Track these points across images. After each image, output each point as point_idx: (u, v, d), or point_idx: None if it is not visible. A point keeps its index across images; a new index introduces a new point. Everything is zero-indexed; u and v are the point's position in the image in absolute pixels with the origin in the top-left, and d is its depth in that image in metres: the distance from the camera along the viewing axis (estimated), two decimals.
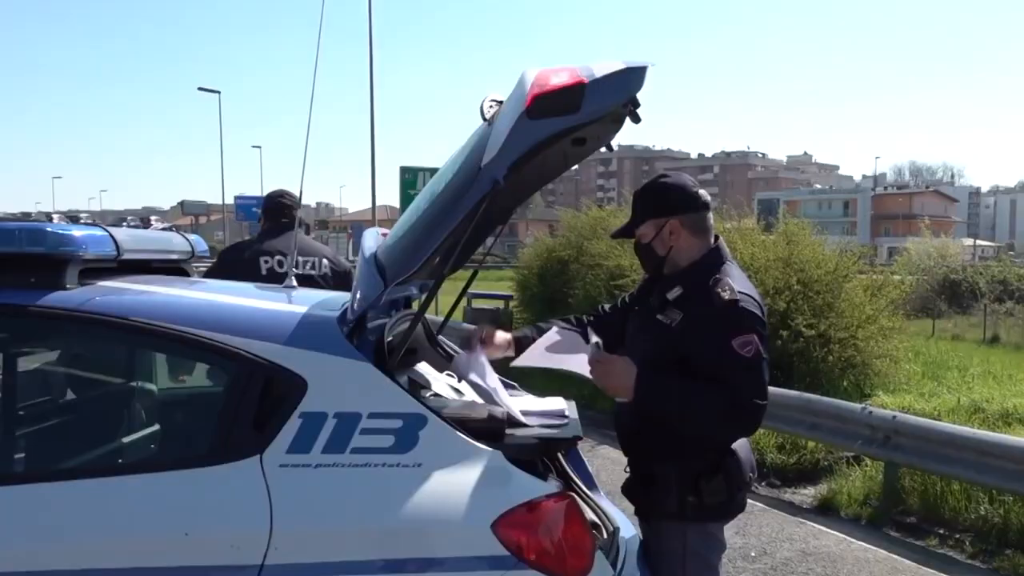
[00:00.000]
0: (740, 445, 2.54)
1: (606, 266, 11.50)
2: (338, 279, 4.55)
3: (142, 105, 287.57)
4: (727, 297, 2.41)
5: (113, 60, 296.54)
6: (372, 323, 2.46)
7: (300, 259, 4.40)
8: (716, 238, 2.66)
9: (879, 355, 9.59)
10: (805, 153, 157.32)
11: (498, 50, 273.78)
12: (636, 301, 2.85)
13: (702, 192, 2.64)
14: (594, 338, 2.57)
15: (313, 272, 4.48)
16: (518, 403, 2.76)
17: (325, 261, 4.56)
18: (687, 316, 2.49)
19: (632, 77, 2.18)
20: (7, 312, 2.42)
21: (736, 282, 2.48)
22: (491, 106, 2.33)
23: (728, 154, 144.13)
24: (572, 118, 2.14)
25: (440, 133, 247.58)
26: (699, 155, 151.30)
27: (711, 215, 2.66)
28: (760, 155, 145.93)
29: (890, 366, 9.73)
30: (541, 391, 2.95)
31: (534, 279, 14.85)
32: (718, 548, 2.60)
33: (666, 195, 2.63)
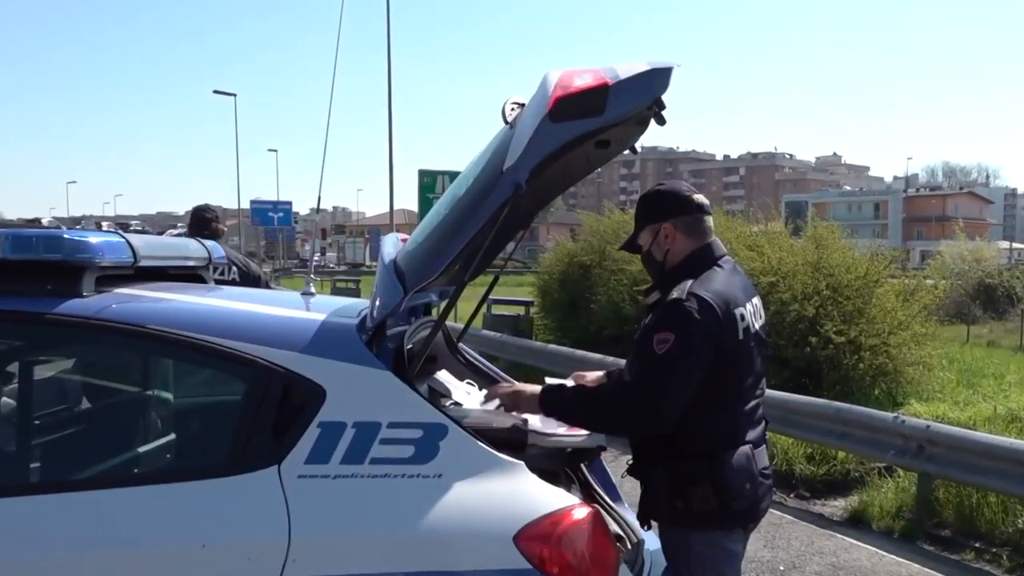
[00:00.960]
0: (735, 454, 2.49)
1: (630, 271, 11.45)
2: (246, 281, 5.16)
3: (157, 109, 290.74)
4: (673, 296, 2.45)
5: (127, 64, 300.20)
6: (391, 330, 2.47)
7: None
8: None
9: (912, 362, 9.50)
10: (834, 154, 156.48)
11: (520, 52, 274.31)
12: None
13: (697, 196, 2.67)
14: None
15: (222, 278, 4.99)
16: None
17: (234, 268, 5.20)
18: (651, 317, 2.54)
19: (657, 78, 2.18)
20: (24, 320, 2.45)
21: (703, 282, 2.48)
22: (513, 109, 2.34)
23: (755, 155, 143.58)
24: (595, 120, 2.15)
25: (460, 136, 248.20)
26: (724, 156, 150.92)
27: (709, 218, 2.67)
28: (788, 156, 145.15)
29: (923, 374, 9.63)
30: None
31: (555, 285, 14.80)
32: (728, 558, 2.55)
33: (658, 200, 2.68)
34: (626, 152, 2.59)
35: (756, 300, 2.68)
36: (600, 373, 2.94)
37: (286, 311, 2.61)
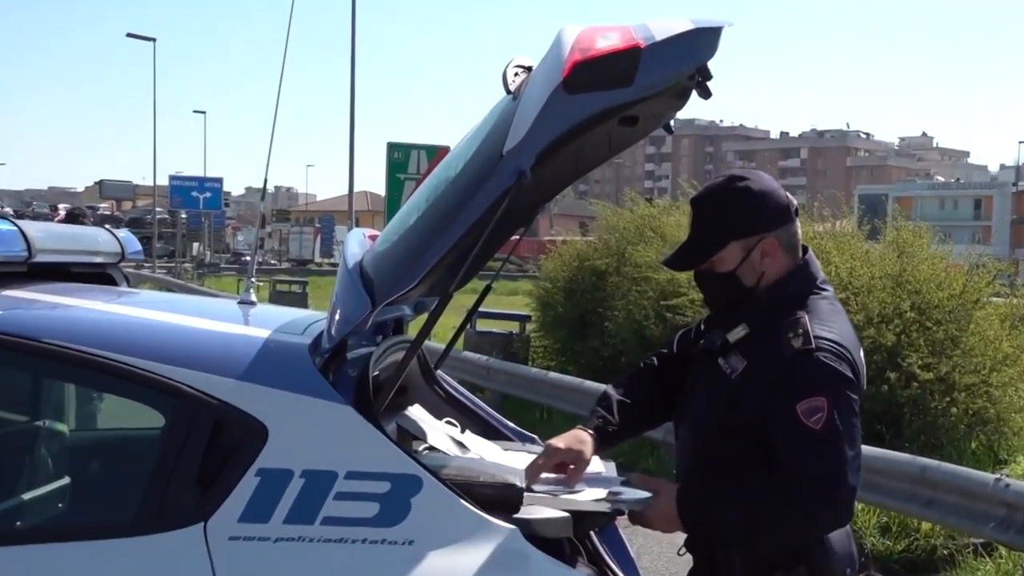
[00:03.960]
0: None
1: (656, 280, 11.45)
2: None
3: (52, 55, 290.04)
4: (798, 345, 2.39)
5: None
6: (353, 353, 2.49)
7: None
8: (805, 251, 2.64)
9: (1020, 408, 9.52)
10: (924, 134, 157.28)
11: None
12: (701, 336, 2.79)
13: (790, 195, 2.65)
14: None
15: None
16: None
17: None
18: (751, 365, 2.49)
19: (702, 40, 2.21)
20: None
21: (820, 320, 2.46)
22: (517, 74, 2.37)
23: (820, 133, 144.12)
24: (623, 92, 2.17)
25: (442, 103, 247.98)
26: (781, 134, 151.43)
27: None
28: (863, 135, 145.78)
29: None
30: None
31: (559, 295, 14.76)
32: None
33: (759, 204, 2.57)
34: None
35: None
36: (580, 434, 2.69)
37: (219, 325, 2.63)
